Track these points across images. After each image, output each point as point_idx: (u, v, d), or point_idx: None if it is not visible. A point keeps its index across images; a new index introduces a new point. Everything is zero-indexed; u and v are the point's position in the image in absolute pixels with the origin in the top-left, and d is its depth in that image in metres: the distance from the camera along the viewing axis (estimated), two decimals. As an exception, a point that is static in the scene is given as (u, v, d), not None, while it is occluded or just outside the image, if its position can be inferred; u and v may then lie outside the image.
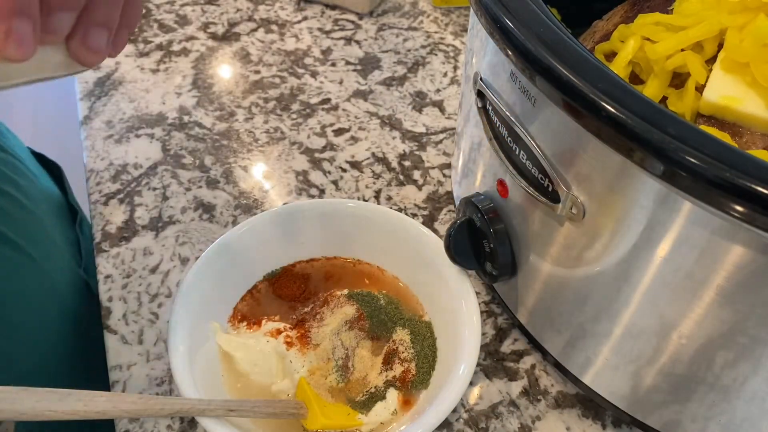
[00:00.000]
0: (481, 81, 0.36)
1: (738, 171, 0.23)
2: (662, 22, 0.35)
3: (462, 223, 0.40)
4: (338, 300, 0.43)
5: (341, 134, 0.58)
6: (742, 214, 0.24)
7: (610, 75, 0.27)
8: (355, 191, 0.54)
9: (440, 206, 0.53)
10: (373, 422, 0.38)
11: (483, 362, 0.43)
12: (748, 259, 0.26)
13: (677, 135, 0.24)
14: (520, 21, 0.29)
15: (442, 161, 0.56)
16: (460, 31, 0.70)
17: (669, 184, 0.25)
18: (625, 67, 0.35)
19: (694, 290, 0.29)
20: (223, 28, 0.69)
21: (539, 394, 0.42)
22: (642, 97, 0.26)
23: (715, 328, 0.30)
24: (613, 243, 0.31)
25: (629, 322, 0.33)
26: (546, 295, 0.38)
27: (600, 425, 0.41)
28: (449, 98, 0.62)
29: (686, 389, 0.33)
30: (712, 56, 0.34)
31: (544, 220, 0.34)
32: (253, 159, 0.56)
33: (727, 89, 0.32)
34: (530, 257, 0.37)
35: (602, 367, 0.37)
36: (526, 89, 0.31)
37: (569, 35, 0.29)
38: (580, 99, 0.26)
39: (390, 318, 0.42)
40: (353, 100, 0.61)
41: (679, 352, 0.32)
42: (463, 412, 0.41)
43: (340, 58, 0.66)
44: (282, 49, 0.66)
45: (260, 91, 0.62)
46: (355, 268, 0.46)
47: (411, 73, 0.65)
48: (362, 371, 0.40)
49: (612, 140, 0.26)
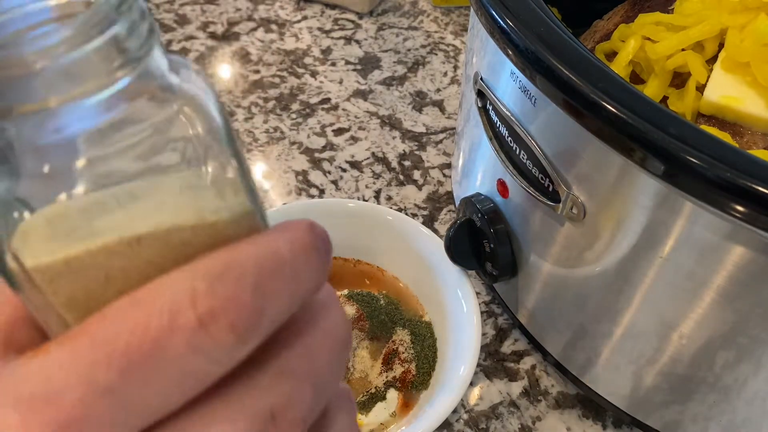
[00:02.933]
0: (482, 81, 0.36)
1: (739, 171, 0.23)
2: (663, 21, 0.35)
3: (462, 223, 0.40)
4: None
5: (341, 134, 0.58)
6: (743, 215, 0.24)
7: (610, 75, 0.27)
8: (355, 191, 0.53)
9: (440, 206, 0.53)
10: (373, 423, 0.38)
11: (483, 363, 0.43)
12: (749, 260, 0.26)
13: (678, 135, 0.24)
14: (520, 21, 0.29)
15: (442, 161, 0.56)
16: (460, 30, 0.70)
17: (669, 184, 0.25)
18: (625, 66, 0.35)
19: (695, 290, 0.29)
20: (223, 28, 0.69)
21: (540, 394, 0.42)
22: (643, 96, 0.26)
23: (715, 329, 0.30)
24: (614, 243, 0.31)
25: (630, 323, 0.33)
26: (546, 296, 0.38)
27: (600, 426, 0.41)
28: (449, 98, 0.62)
29: (687, 389, 0.33)
30: (713, 56, 0.34)
31: (545, 220, 0.34)
32: (252, 159, 0.56)
33: (727, 89, 0.32)
34: (530, 257, 0.37)
35: (603, 368, 0.36)
36: (526, 89, 0.31)
37: (570, 35, 0.29)
38: (581, 99, 0.26)
39: (390, 318, 0.42)
40: (353, 100, 0.61)
41: (679, 352, 0.32)
42: (464, 412, 0.41)
43: (340, 58, 0.66)
44: (282, 49, 0.66)
45: (260, 91, 0.62)
46: (355, 268, 0.46)
47: (411, 72, 0.65)
48: (362, 372, 0.40)
49: (612, 140, 0.26)
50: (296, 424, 0.15)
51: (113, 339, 0.13)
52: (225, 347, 0.13)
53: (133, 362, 0.13)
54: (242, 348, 0.14)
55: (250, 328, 0.14)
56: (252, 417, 0.14)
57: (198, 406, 0.14)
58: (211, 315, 0.13)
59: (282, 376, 0.15)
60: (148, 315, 0.13)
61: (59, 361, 0.13)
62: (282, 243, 0.15)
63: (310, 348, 0.16)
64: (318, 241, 0.15)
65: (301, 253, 0.15)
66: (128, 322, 0.13)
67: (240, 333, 0.13)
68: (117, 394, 0.13)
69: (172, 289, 0.13)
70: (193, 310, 0.13)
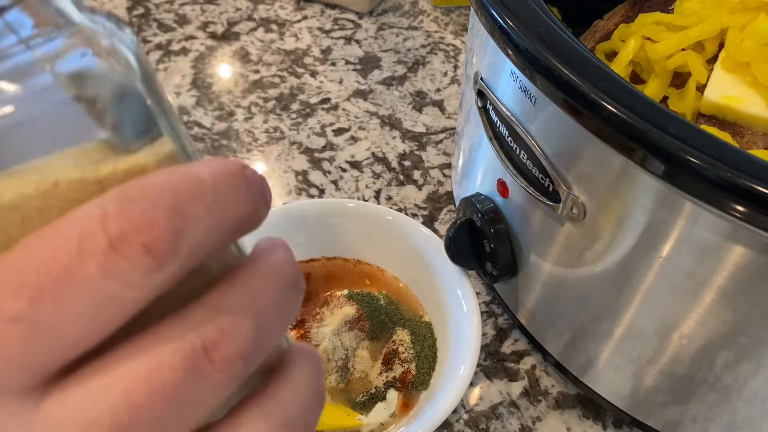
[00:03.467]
0: (482, 80, 0.36)
1: (739, 171, 0.23)
2: (663, 21, 0.35)
3: (462, 223, 0.40)
4: (338, 300, 0.43)
5: (341, 134, 0.58)
6: (743, 214, 0.24)
7: (610, 74, 0.27)
8: (355, 191, 0.53)
9: (440, 206, 0.53)
10: (373, 423, 0.38)
11: (483, 363, 0.43)
12: (749, 259, 0.26)
13: (678, 135, 0.24)
14: (520, 20, 0.29)
15: (442, 161, 0.56)
16: (461, 30, 0.70)
17: (670, 184, 0.25)
18: (625, 66, 0.35)
19: (695, 290, 0.29)
20: (223, 28, 0.69)
21: (540, 394, 0.42)
22: (643, 96, 0.26)
23: (715, 329, 0.30)
24: (614, 243, 0.31)
25: (630, 323, 0.33)
26: (546, 296, 0.38)
27: (601, 426, 0.41)
28: (449, 98, 0.62)
29: (687, 389, 0.33)
30: (713, 56, 0.34)
31: (545, 220, 0.34)
32: (252, 159, 0.56)
33: (727, 89, 0.32)
34: (531, 257, 0.37)
35: (603, 368, 0.36)
36: (526, 89, 0.31)
37: (570, 35, 0.29)
38: (581, 98, 0.26)
39: (390, 318, 0.42)
40: (353, 100, 0.61)
41: (679, 352, 0.32)
42: (464, 412, 0.41)
43: (340, 58, 0.66)
44: (281, 49, 0.66)
45: (260, 91, 0.62)
46: (355, 268, 0.46)
47: (411, 72, 0.65)
48: (362, 372, 0.40)
49: (613, 140, 0.26)
50: (233, 362, 0.14)
51: (21, 268, 0.13)
52: (141, 270, 0.13)
53: (43, 289, 0.12)
54: (161, 272, 0.13)
55: (168, 250, 0.13)
56: (182, 350, 0.14)
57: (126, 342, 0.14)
58: (123, 236, 0.12)
59: (217, 311, 0.14)
60: (57, 242, 0.13)
61: None
62: (203, 170, 0.14)
63: (250, 284, 0.15)
64: (247, 171, 0.15)
65: (225, 179, 0.14)
66: (37, 251, 0.13)
67: (156, 254, 0.13)
68: (28, 323, 0.12)
69: (83, 217, 0.13)
70: (104, 233, 0.12)
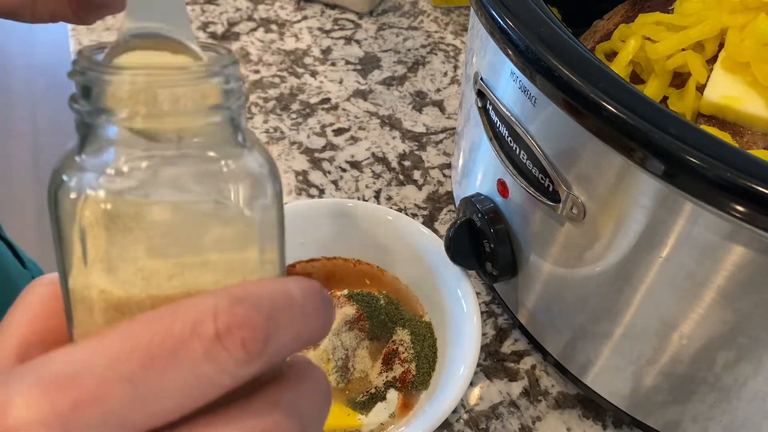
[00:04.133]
0: (482, 81, 0.36)
1: (739, 171, 0.23)
2: (663, 21, 0.35)
3: (462, 223, 0.40)
4: (338, 300, 0.43)
5: (341, 134, 0.58)
6: (743, 214, 0.24)
7: (610, 75, 0.27)
8: (355, 191, 0.53)
9: (440, 206, 0.53)
10: (373, 423, 0.38)
11: (483, 363, 0.43)
12: (749, 260, 0.26)
13: (678, 135, 0.24)
14: (520, 20, 0.29)
15: (442, 161, 0.56)
16: (461, 30, 0.70)
17: (670, 184, 0.25)
18: (625, 66, 0.35)
19: (695, 290, 0.29)
20: (223, 28, 0.69)
21: (540, 394, 0.42)
22: (643, 96, 0.26)
23: (715, 329, 0.30)
24: (614, 243, 0.31)
25: (630, 323, 0.33)
26: (546, 296, 0.38)
27: (601, 426, 0.41)
28: (449, 98, 0.62)
29: (687, 389, 0.33)
30: (713, 56, 0.34)
31: (545, 221, 0.34)
32: (252, 159, 0.56)
33: (727, 89, 0.32)
34: (531, 257, 0.37)
35: (603, 368, 0.36)
36: (526, 89, 0.31)
37: (570, 35, 0.29)
38: (581, 99, 0.26)
39: (390, 318, 0.42)
40: (353, 100, 0.61)
41: (679, 352, 0.32)
42: (464, 412, 0.41)
43: (340, 58, 0.66)
44: (282, 49, 0.66)
45: (260, 91, 0.62)
46: (355, 268, 0.46)
47: (411, 72, 0.65)
48: (362, 372, 0.40)
49: (613, 140, 0.26)
50: None
51: (140, 337, 0.15)
52: (235, 360, 0.15)
53: (154, 358, 0.14)
54: (249, 365, 0.15)
55: (258, 349, 0.15)
56: None
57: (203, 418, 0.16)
58: (228, 330, 0.15)
59: (275, 406, 0.17)
60: (173, 322, 0.15)
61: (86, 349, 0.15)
62: (295, 287, 0.17)
63: (300, 391, 0.18)
64: (324, 293, 0.18)
65: (311, 298, 0.17)
66: (156, 326, 0.15)
67: (249, 351, 0.15)
68: (135, 384, 0.14)
69: (198, 306, 0.15)
70: (213, 323, 0.15)
